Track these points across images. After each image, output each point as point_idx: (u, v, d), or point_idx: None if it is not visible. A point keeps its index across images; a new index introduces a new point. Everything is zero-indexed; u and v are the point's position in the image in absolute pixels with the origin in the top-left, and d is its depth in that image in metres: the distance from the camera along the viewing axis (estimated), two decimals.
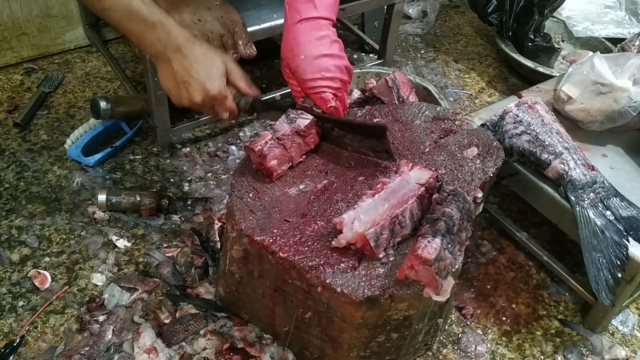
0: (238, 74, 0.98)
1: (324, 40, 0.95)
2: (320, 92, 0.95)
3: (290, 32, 0.97)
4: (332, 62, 0.95)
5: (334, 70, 0.95)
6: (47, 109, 1.45)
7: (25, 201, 1.22)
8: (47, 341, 0.98)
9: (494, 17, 1.71)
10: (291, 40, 0.96)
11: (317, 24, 0.96)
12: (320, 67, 0.94)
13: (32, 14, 1.52)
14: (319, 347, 0.90)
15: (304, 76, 0.95)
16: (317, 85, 0.95)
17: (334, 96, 0.95)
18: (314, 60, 0.94)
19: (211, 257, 1.10)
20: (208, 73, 0.94)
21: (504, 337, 1.06)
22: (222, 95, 0.95)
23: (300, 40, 0.95)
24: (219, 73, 0.95)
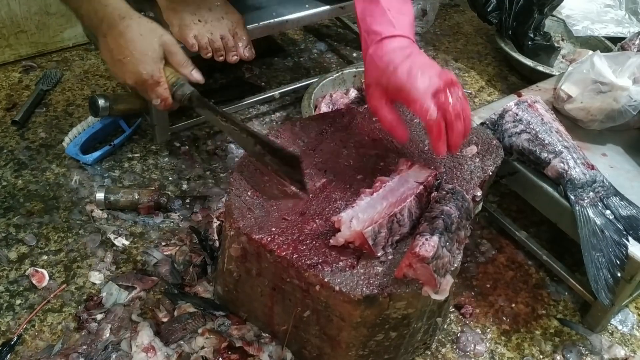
0: (180, 59, 0.91)
1: (407, 50, 0.85)
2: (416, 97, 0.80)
3: (372, 52, 0.86)
4: (425, 61, 0.83)
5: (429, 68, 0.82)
6: (45, 107, 1.45)
7: (23, 199, 1.21)
8: (44, 339, 0.98)
9: (494, 16, 1.71)
10: (375, 58, 0.85)
11: (398, 40, 0.86)
12: (412, 67, 0.81)
13: (31, 12, 1.52)
14: (318, 346, 0.89)
15: (398, 82, 0.81)
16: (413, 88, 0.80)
17: (435, 96, 0.80)
18: (403, 63, 0.82)
19: (210, 256, 1.10)
20: (141, 55, 0.87)
21: (503, 337, 1.06)
22: (154, 80, 0.89)
23: (385, 52, 0.85)
24: (153, 56, 0.89)
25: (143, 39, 0.88)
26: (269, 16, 1.27)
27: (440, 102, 0.80)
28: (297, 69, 1.67)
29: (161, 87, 0.90)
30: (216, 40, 1.15)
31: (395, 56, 0.84)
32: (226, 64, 1.20)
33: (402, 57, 0.83)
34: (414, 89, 0.80)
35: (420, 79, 0.80)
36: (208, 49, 1.15)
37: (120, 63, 0.89)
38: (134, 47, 0.87)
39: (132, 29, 0.87)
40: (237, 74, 1.62)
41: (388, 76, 0.83)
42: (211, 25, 1.14)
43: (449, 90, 0.80)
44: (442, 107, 0.80)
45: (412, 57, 0.83)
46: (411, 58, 0.83)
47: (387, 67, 0.84)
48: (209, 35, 1.14)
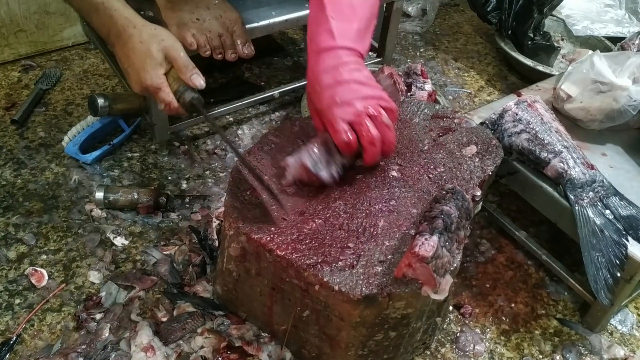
0: (181, 63, 0.89)
1: (341, 69, 0.86)
2: (332, 121, 0.85)
3: (309, 64, 0.90)
4: (350, 87, 0.85)
5: (351, 97, 0.84)
6: (44, 106, 1.45)
7: (22, 198, 1.21)
8: (43, 339, 0.98)
9: (493, 16, 1.71)
10: (309, 72, 0.89)
11: (335, 53, 0.87)
12: (335, 93, 0.84)
13: (30, 11, 1.52)
14: (317, 346, 0.89)
15: (319, 105, 0.87)
16: (331, 113, 0.85)
17: (350, 126, 0.84)
18: (329, 89, 0.85)
19: (209, 255, 1.09)
20: (141, 63, 0.87)
21: (502, 336, 1.06)
22: (155, 87, 0.88)
23: (316, 70, 0.87)
24: (153, 63, 0.87)
25: (142, 46, 0.87)
26: (268, 15, 1.27)
27: (357, 129, 0.85)
28: (296, 69, 1.67)
29: (163, 92, 0.89)
30: (214, 39, 1.14)
31: (324, 77, 0.86)
32: (225, 63, 1.20)
33: (329, 80, 0.86)
34: (331, 115, 0.85)
35: (337, 108, 0.84)
36: (206, 48, 1.15)
37: (127, 72, 0.90)
38: (134, 55, 0.87)
39: (133, 38, 0.87)
40: (237, 74, 1.62)
41: (315, 94, 0.88)
42: (209, 23, 1.14)
43: (367, 119, 0.84)
44: (359, 133, 0.85)
45: (340, 77, 0.85)
46: (338, 80, 0.85)
47: (314, 86, 0.88)
48: (207, 34, 1.14)
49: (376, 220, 0.85)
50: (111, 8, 0.87)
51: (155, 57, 0.87)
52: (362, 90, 0.85)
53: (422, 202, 0.89)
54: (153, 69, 0.88)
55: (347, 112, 0.84)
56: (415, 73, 1.18)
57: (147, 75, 0.87)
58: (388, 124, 0.86)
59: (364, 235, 0.83)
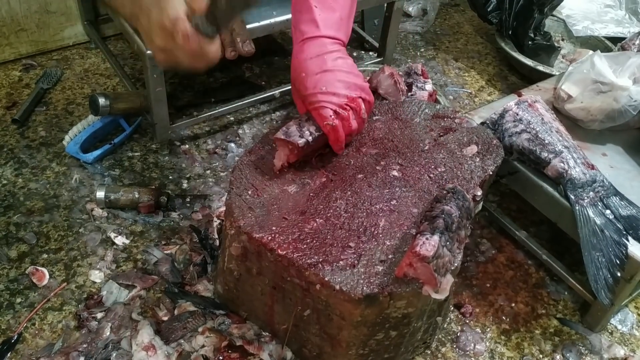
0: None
1: (326, 57, 0.89)
2: (318, 107, 0.89)
3: (294, 52, 0.92)
4: (335, 76, 0.89)
5: (336, 85, 0.88)
6: (45, 106, 1.45)
7: (23, 198, 1.21)
8: (44, 338, 0.98)
9: (494, 16, 1.71)
10: (294, 59, 0.92)
11: (319, 41, 0.90)
12: (320, 81, 0.88)
13: (31, 10, 1.52)
14: (318, 345, 0.89)
15: (304, 92, 0.90)
16: (316, 100, 0.88)
17: (335, 113, 0.89)
18: (314, 75, 0.89)
19: (210, 255, 1.10)
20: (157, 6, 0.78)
21: (502, 336, 1.06)
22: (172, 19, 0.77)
23: (301, 58, 0.90)
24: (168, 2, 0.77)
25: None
26: (269, 15, 1.27)
27: (339, 118, 0.89)
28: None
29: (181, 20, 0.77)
30: None
31: (309, 64, 0.89)
32: (226, 63, 1.20)
33: (315, 67, 0.89)
34: (317, 102, 0.88)
35: (323, 95, 0.88)
36: None
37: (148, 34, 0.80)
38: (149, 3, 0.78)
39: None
40: (238, 73, 1.62)
41: (300, 82, 0.90)
42: None
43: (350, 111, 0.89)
44: (341, 122, 0.89)
45: (325, 66, 0.89)
46: (323, 68, 0.88)
47: (299, 73, 0.90)
48: None
49: (377, 219, 0.86)
50: None
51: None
52: (346, 79, 0.89)
53: (423, 202, 0.89)
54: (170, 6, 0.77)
55: (333, 101, 0.88)
56: (415, 73, 1.18)
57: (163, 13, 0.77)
58: (364, 118, 0.93)
59: (365, 235, 0.83)
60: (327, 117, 0.88)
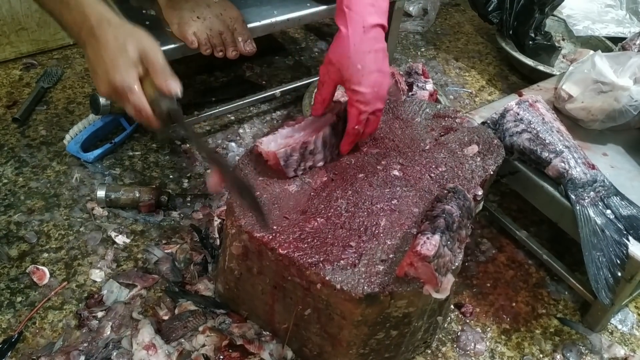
0: (157, 66, 0.79)
1: (381, 54, 0.88)
2: (359, 107, 0.88)
3: (350, 38, 0.86)
4: (385, 79, 0.89)
5: (384, 88, 0.89)
6: (46, 105, 1.45)
7: (23, 197, 1.21)
8: (45, 337, 0.98)
9: (494, 16, 1.71)
10: (350, 46, 0.86)
11: (378, 33, 0.88)
12: (376, 81, 0.87)
13: (32, 9, 1.52)
14: (318, 344, 0.90)
15: (358, 87, 0.87)
16: (364, 100, 0.87)
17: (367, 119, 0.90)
18: (371, 74, 0.87)
19: (210, 254, 1.10)
20: (113, 60, 0.76)
21: (503, 336, 1.06)
22: (126, 87, 0.76)
23: (360, 49, 0.86)
24: (126, 61, 0.77)
25: (116, 42, 0.78)
26: (270, 15, 1.27)
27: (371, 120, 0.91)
28: (298, 68, 1.67)
29: (135, 95, 0.77)
30: (215, 37, 1.15)
31: (368, 59, 0.87)
32: (227, 62, 1.20)
33: (373, 66, 0.87)
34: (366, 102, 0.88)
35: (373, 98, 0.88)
36: (207, 46, 1.15)
37: (95, 72, 0.79)
38: (106, 52, 0.77)
39: (107, 34, 0.78)
40: (238, 73, 1.62)
41: (352, 72, 0.87)
42: (210, 21, 1.15)
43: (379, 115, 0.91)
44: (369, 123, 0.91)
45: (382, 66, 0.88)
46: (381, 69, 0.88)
47: (355, 64, 0.86)
48: (207, 32, 1.14)
49: (378, 219, 0.86)
50: (83, 4, 0.79)
51: (131, 55, 0.78)
52: (387, 82, 0.90)
53: (423, 202, 0.89)
54: (126, 68, 0.77)
55: (373, 105, 0.89)
56: (416, 72, 1.18)
57: (117, 74, 0.77)
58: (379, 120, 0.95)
59: (366, 234, 0.83)
60: (360, 122, 0.90)
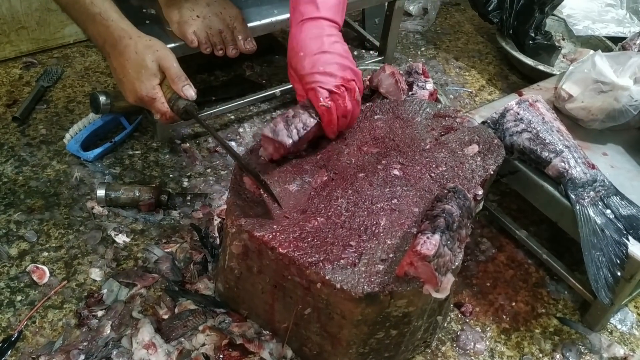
0: (174, 74, 0.92)
1: (324, 38, 0.91)
2: (314, 87, 0.89)
3: (292, 33, 0.94)
4: (333, 58, 0.90)
5: (333, 66, 0.89)
6: (46, 104, 1.45)
7: (23, 195, 1.21)
8: (45, 336, 0.98)
9: (495, 15, 1.71)
10: (293, 39, 0.93)
11: (319, 23, 0.93)
12: (318, 61, 0.89)
13: (32, 8, 1.52)
14: (318, 344, 0.90)
15: (302, 71, 0.91)
16: (313, 80, 0.89)
17: (330, 94, 0.89)
18: (313, 56, 0.90)
19: (210, 253, 1.10)
20: (137, 73, 0.90)
21: (502, 335, 1.06)
22: (150, 97, 0.91)
23: (300, 38, 0.92)
24: (147, 74, 0.90)
25: (137, 57, 0.90)
26: (270, 14, 1.27)
27: (334, 99, 0.90)
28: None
29: (158, 102, 0.92)
30: (215, 35, 1.15)
31: (308, 44, 0.91)
32: (227, 61, 1.20)
33: (314, 48, 0.90)
34: (314, 82, 0.89)
35: (320, 76, 0.89)
36: (207, 44, 1.15)
37: (121, 83, 0.92)
38: (130, 66, 0.89)
39: (129, 48, 0.90)
40: (238, 72, 1.62)
41: (297, 61, 0.91)
42: (209, 20, 1.15)
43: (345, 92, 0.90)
44: (336, 103, 0.90)
45: (324, 47, 0.90)
46: (322, 49, 0.90)
47: (297, 52, 0.91)
48: (207, 30, 1.14)
49: (378, 218, 0.86)
50: (108, 18, 0.89)
51: (150, 67, 0.90)
52: (342, 62, 0.91)
53: (423, 201, 0.89)
54: (148, 79, 0.90)
55: (329, 82, 0.89)
56: (416, 72, 1.18)
57: (142, 85, 0.90)
58: (359, 101, 0.94)
59: (366, 234, 0.83)
60: (323, 99, 0.89)
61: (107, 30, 0.89)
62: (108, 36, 0.90)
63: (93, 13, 0.89)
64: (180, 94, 0.92)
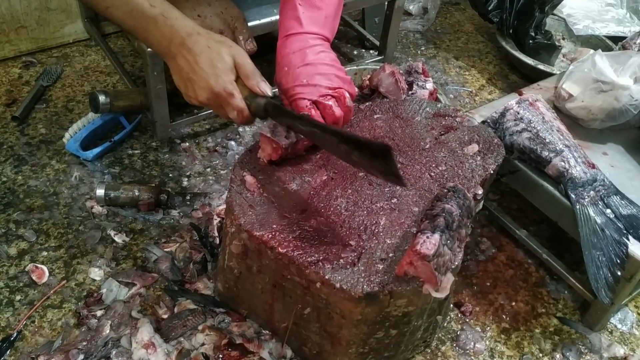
0: (248, 70, 0.86)
1: (307, 50, 0.91)
2: (296, 99, 0.89)
3: (277, 47, 0.94)
4: (315, 69, 0.90)
5: (316, 77, 0.89)
6: (45, 103, 1.45)
7: (23, 195, 1.21)
8: (44, 335, 0.98)
9: (495, 15, 1.70)
10: (277, 55, 0.93)
11: (302, 37, 0.93)
12: (300, 74, 0.89)
13: (31, 7, 1.51)
14: (318, 343, 0.89)
15: (285, 85, 0.90)
16: (294, 92, 0.89)
17: (313, 104, 0.89)
18: (296, 69, 0.90)
19: (210, 253, 1.10)
20: (212, 68, 0.83)
21: (502, 335, 1.06)
22: (228, 92, 0.84)
23: (284, 53, 0.92)
24: (224, 68, 0.84)
25: (211, 51, 0.84)
26: (270, 13, 1.27)
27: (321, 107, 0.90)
28: None
29: (236, 99, 0.85)
30: None
31: (291, 58, 0.91)
32: None
33: (297, 61, 0.91)
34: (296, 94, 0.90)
35: (303, 87, 0.90)
36: None
37: (191, 81, 0.85)
38: (203, 61, 0.84)
39: (199, 44, 0.84)
40: None
41: (282, 76, 0.92)
42: (210, 20, 1.15)
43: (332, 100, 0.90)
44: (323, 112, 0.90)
45: (307, 59, 0.90)
46: (305, 62, 0.90)
47: (282, 68, 0.92)
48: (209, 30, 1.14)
49: (378, 218, 0.85)
50: (172, 17, 0.85)
51: (227, 61, 0.85)
52: (327, 72, 0.91)
53: (423, 201, 0.89)
54: (225, 74, 0.84)
55: (312, 92, 0.89)
56: (416, 71, 1.18)
57: (218, 80, 0.84)
58: (350, 107, 0.93)
59: (366, 233, 0.83)
60: (303, 108, 0.89)
61: (172, 29, 0.85)
62: (174, 36, 0.85)
63: (154, 15, 0.84)
64: (256, 90, 0.86)
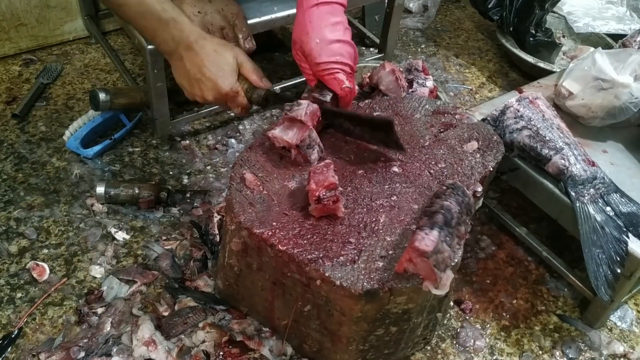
0: (250, 67, 0.98)
1: (339, 26, 0.95)
2: (334, 73, 0.94)
3: (305, 15, 0.95)
4: (346, 48, 0.95)
5: (347, 56, 0.95)
6: (45, 101, 1.45)
7: (23, 193, 1.21)
8: (45, 333, 0.98)
9: (495, 12, 1.70)
10: (306, 23, 0.95)
11: (332, 8, 0.95)
12: (334, 51, 0.93)
13: (31, 5, 1.51)
14: (318, 341, 0.90)
15: (318, 59, 0.94)
16: (331, 67, 0.94)
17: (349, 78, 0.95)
18: (329, 45, 0.93)
19: (210, 250, 1.10)
20: (219, 71, 0.94)
21: (502, 332, 1.06)
22: (234, 92, 0.96)
23: (316, 24, 0.94)
24: (230, 70, 0.95)
25: (218, 55, 0.95)
26: (270, 11, 1.27)
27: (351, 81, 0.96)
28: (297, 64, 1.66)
29: (240, 96, 0.97)
30: (216, 32, 1.15)
31: (325, 33, 0.94)
32: None
33: (331, 36, 0.94)
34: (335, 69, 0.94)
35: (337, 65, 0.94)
36: None
37: (199, 82, 0.95)
38: (210, 64, 0.94)
39: (206, 48, 0.94)
40: None
41: (312, 47, 0.94)
42: (211, 17, 1.14)
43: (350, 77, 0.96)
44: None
45: (341, 37, 0.94)
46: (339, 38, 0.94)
47: (312, 38, 0.94)
48: (209, 27, 1.14)
49: (377, 215, 0.86)
50: (182, 22, 0.95)
51: (232, 63, 0.96)
52: (350, 51, 0.96)
53: (423, 198, 0.89)
54: (231, 75, 0.96)
55: (345, 69, 0.95)
56: (416, 69, 1.18)
57: (226, 81, 0.95)
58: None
59: (365, 231, 0.83)
60: (344, 81, 0.94)
61: (182, 33, 0.94)
62: (182, 39, 0.94)
63: (166, 19, 0.94)
64: (261, 84, 0.98)
